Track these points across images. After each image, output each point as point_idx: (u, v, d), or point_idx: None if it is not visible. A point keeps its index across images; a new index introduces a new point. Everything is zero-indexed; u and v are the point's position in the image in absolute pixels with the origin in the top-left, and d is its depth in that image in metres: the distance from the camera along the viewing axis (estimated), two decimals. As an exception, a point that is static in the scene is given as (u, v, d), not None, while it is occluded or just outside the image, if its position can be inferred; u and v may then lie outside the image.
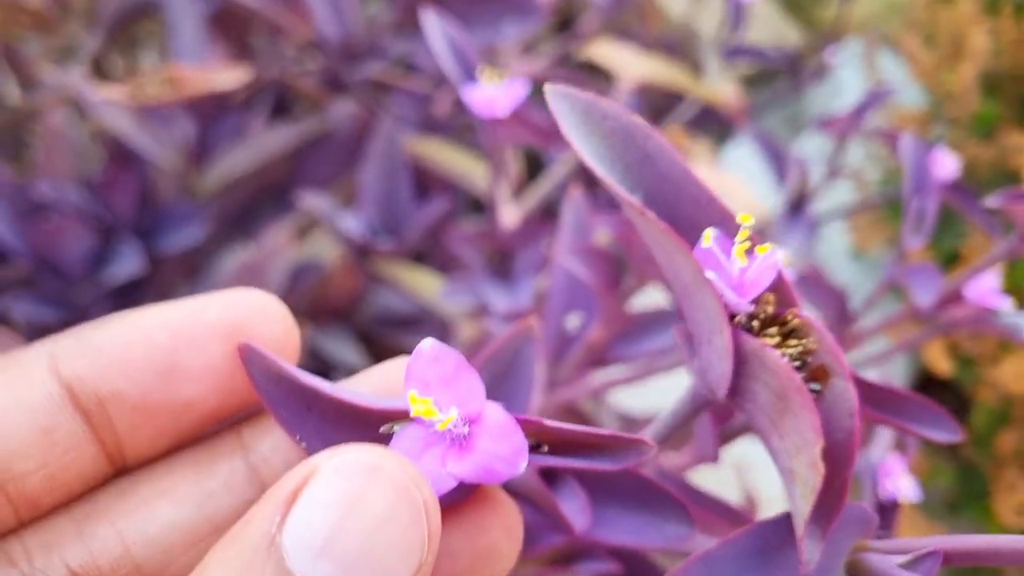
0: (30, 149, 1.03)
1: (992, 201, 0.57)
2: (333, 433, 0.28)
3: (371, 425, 0.28)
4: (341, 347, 0.86)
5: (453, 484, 0.26)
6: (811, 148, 1.08)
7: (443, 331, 0.86)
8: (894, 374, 1.03)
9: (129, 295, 0.87)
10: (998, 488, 0.84)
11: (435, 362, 0.26)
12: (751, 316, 0.30)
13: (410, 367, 0.26)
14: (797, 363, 0.30)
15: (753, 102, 1.20)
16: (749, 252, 0.29)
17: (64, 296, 0.81)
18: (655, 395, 0.70)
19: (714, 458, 0.42)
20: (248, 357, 0.28)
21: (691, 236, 0.30)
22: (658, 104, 1.12)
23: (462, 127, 1.00)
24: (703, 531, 0.37)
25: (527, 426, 0.28)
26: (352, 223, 0.80)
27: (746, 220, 0.30)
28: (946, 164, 0.79)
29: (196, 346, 0.30)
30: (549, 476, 0.34)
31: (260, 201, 0.96)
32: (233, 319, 0.31)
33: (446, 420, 0.25)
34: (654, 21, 1.22)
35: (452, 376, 0.26)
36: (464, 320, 0.81)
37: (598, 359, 0.62)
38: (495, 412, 0.26)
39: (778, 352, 0.29)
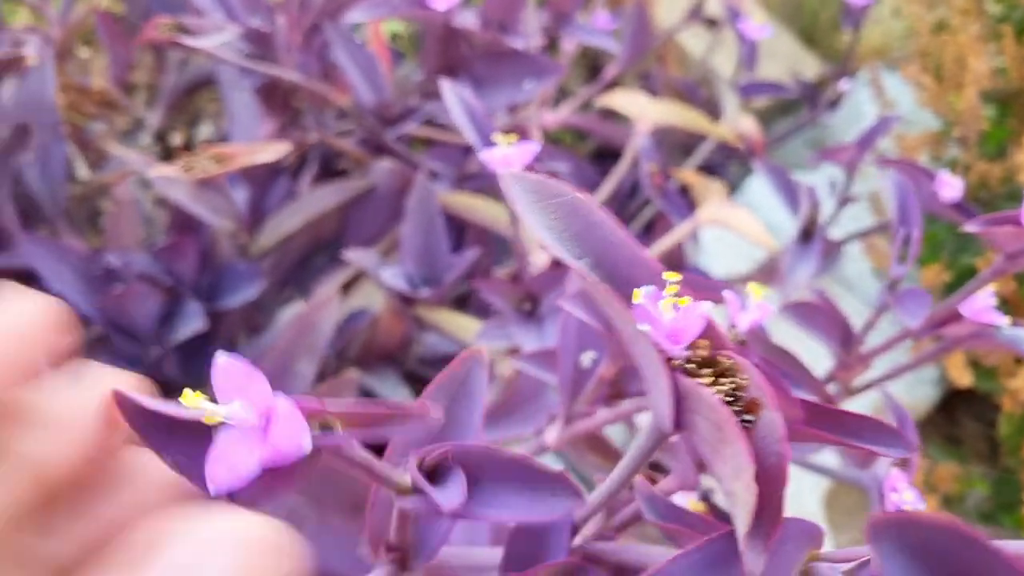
0: (102, 217, 1.12)
1: (971, 226, 0.60)
2: (188, 447, 0.31)
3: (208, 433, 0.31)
4: (390, 388, 0.92)
5: (258, 468, 0.30)
6: (835, 173, 1.12)
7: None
8: (926, 386, 1.05)
9: (196, 349, 0.94)
10: (1026, 496, 0.87)
11: (226, 372, 0.30)
12: (687, 360, 0.35)
13: (213, 378, 0.31)
14: (730, 399, 0.35)
15: (778, 131, 1.24)
16: (676, 305, 0.34)
17: (135, 354, 0.88)
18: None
19: (694, 483, 0.46)
20: (120, 399, 0.31)
21: (631, 293, 0.35)
22: (685, 143, 1.17)
23: (495, 177, 1.06)
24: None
25: (312, 410, 0.32)
26: (393, 275, 0.86)
27: (672, 277, 0.35)
28: (950, 185, 0.82)
29: None
30: (434, 469, 0.37)
31: (313, 255, 1.03)
32: None
33: (225, 418, 0.30)
34: (675, 63, 1.27)
35: (245, 382, 0.30)
36: (501, 358, 0.86)
37: (616, 392, 0.67)
38: (282, 404, 0.30)
39: (711, 390, 0.34)
